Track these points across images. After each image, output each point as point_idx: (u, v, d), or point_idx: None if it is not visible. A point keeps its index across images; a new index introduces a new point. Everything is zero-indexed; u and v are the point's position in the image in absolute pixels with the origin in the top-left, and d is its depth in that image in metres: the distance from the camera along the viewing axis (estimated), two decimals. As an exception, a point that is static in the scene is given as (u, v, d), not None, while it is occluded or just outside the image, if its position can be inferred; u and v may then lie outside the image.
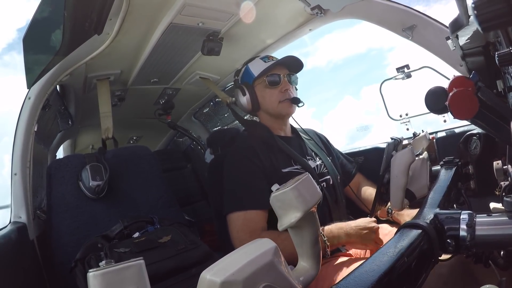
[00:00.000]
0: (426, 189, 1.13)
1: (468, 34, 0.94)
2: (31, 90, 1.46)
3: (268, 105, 1.54)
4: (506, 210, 0.67)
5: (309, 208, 0.57)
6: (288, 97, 1.52)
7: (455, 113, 0.78)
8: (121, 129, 2.70)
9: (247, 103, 1.56)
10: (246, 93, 1.56)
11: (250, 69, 1.58)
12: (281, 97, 1.52)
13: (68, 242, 1.40)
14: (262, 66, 1.54)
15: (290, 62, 1.56)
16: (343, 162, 1.74)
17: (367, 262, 0.60)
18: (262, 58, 1.58)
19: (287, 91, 1.52)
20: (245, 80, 1.59)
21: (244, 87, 1.57)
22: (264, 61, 1.56)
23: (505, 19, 0.52)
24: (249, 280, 0.40)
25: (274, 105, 1.53)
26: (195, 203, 2.64)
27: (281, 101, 1.52)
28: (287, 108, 1.53)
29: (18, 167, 1.43)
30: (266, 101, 1.54)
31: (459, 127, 1.65)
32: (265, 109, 1.56)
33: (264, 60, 1.57)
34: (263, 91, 1.54)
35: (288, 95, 1.52)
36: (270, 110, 1.55)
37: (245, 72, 1.61)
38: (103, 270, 0.45)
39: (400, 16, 1.45)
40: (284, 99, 1.52)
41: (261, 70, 1.53)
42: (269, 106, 1.54)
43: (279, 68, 1.54)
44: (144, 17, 1.50)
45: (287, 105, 1.52)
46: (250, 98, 1.55)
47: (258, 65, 1.56)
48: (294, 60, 1.56)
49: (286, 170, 1.44)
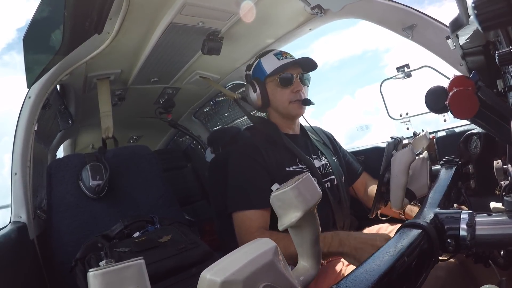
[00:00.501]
0: (426, 189, 1.13)
1: (468, 34, 0.94)
2: (31, 90, 1.46)
3: (279, 104, 1.53)
4: (506, 210, 0.67)
5: (309, 208, 0.57)
6: (300, 98, 1.50)
7: (455, 112, 0.78)
8: (121, 129, 2.70)
9: (257, 99, 1.54)
10: (257, 89, 1.53)
11: (263, 65, 1.55)
12: (292, 97, 1.50)
13: (68, 241, 1.40)
14: (275, 64, 1.51)
15: (304, 63, 1.54)
16: (349, 161, 1.73)
17: (367, 262, 0.60)
18: (276, 55, 1.55)
19: (299, 92, 1.50)
20: (257, 75, 1.57)
21: (256, 83, 1.54)
22: (278, 58, 1.53)
23: (505, 19, 0.52)
24: (249, 279, 0.40)
25: (285, 104, 1.51)
26: (195, 202, 2.65)
27: (292, 102, 1.50)
28: (297, 109, 1.52)
29: (18, 167, 1.43)
30: (277, 100, 1.53)
31: (459, 126, 1.65)
32: (275, 107, 1.55)
33: (278, 57, 1.54)
34: (275, 90, 1.52)
35: (300, 96, 1.50)
36: (280, 109, 1.54)
37: (257, 67, 1.58)
38: (103, 270, 0.45)
39: (400, 16, 1.45)
40: (295, 99, 1.50)
41: (274, 68, 1.51)
42: (280, 105, 1.53)
43: (292, 67, 1.52)
44: (144, 17, 1.50)
45: (297, 106, 1.51)
46: (261, 95, 1.53)
47: (271, 62, 1.53)
48: (309, 61, 1.54)
49: (290, 169, 1.43)
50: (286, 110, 1.53)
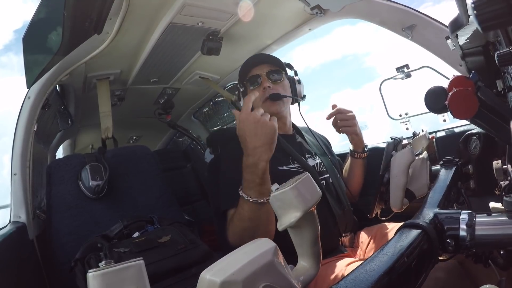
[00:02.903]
0: (426, 189, 1.13)
1: (467, 34, 0.94)
2: (31, 90, 1.46)
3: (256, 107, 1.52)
4: (506, 210, 0.67)
5: (309, 208, 0.57)
6: (266, 95, 1.47)
7: (454, 112, 0.78)
8: (121, 129, 2.70)
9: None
10: (241, 96, 1.57)
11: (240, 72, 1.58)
12: (261, 97, 1.48)
13: (67, 241, 1.40)
14: (242, 70, 1.55)
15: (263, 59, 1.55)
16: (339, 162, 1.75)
17: (367, 262, 0.60)
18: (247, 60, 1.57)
19: (265, 90, 1.47)
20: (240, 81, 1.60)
21: (241, 89, 1.58)
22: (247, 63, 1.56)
23: (505, 19, 0.52)
24: (248, 280, 0.40)
25: (259, 105, 1.48)
26: (194, 202, 2.64)
27: (263, 101, 1.48)
28: (269, 107, 1.48)
29: (17, 167, 1.43)
30: (255, 103, 1.52)
31: (459, 126, 1.65)
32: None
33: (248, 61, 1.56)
34: (251, 93, 1.52)
35: (267, 93, 1.47)
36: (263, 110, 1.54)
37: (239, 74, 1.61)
38: (102, 271, 0.45)
39: (400, 16, 1.45)
40: (264, 98, 1.48)
41: (241, 74, 1.55)
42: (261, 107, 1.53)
43: (258, 67, 1.51)
44: (144, 17, 1.50)
45: (268, 104, 1.48)
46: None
47: (242, 68, 1.56)
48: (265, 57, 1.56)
49: (283, 168, 1.43)
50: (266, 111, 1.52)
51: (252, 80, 1.51)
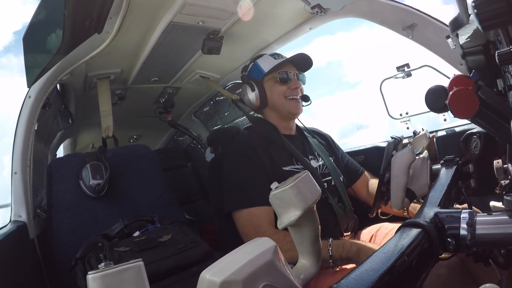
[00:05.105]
0: (426, 188, 1.13)
1: (468, 33, 0.94)
2: (31, 89, 1.46)
3: (276, 101, 1.55)
4: (506, 209, 0.67)
5: (308, 206, 0.57)
6: (297, 95, 1.55)
7: (455, 112, 0.78)
8: (122, 128, 2.70)
9: (256, 99, 1.57)
10: (255, 88, 1.57)
11: (260, 65, 1.59)
12: (289, 94, 1.54)
13: (68, 241, 1.40)
14: (272, 63, 1.56)
15: (300, 61, 1.59)
16: (349, 162, 1.74)
17: (367, 262, 0.59)
18: (272, 55, 1.60)
19: (297, 89, 1.55)
20: (254, 76, 1.60)
21: (253, 83, 1.58)
22: (274, 58, 1.58)
23: (505, 18, 0.52)
24: (249, 279, 0.40)
25: (282, 101, 1.54)
26: (195, 202, 2.65)
27: (290, 98, 1.53)
28: (295, 106, 1.55)
29: (18, 166, 1.43)
30: (275, 97, 1.55)
31: (459, 126, 1.64)
32: (272, 105, 1.58)
33: (274, 57, 1.59)
34: (273, 87, 1.55)
35: (298, 93, 1.55)
36: (278, 106, 1.56)
37: (253, 68, 1.62)
38: (102, 272, 0.45)
39: (400, 15, 1.45)
40: (292, 96, 1.54)
41: (271, 66, 1.55)
42: (277, 102, 1.55)
43: (289, 66, 1.57)
44: (144, 16, 1.50)
45: (295, 103, 1.54)
46: (259, 94, 1.56)
47: (268, 62, 1.58)
48: (305, 59, 1.59)
49: (287, 169, 1.43)
50: (283, 108, 1.55)
51: (283, 75, 1.54)
